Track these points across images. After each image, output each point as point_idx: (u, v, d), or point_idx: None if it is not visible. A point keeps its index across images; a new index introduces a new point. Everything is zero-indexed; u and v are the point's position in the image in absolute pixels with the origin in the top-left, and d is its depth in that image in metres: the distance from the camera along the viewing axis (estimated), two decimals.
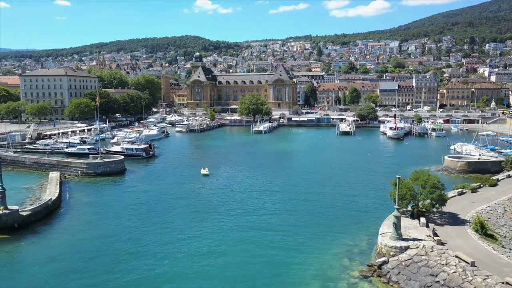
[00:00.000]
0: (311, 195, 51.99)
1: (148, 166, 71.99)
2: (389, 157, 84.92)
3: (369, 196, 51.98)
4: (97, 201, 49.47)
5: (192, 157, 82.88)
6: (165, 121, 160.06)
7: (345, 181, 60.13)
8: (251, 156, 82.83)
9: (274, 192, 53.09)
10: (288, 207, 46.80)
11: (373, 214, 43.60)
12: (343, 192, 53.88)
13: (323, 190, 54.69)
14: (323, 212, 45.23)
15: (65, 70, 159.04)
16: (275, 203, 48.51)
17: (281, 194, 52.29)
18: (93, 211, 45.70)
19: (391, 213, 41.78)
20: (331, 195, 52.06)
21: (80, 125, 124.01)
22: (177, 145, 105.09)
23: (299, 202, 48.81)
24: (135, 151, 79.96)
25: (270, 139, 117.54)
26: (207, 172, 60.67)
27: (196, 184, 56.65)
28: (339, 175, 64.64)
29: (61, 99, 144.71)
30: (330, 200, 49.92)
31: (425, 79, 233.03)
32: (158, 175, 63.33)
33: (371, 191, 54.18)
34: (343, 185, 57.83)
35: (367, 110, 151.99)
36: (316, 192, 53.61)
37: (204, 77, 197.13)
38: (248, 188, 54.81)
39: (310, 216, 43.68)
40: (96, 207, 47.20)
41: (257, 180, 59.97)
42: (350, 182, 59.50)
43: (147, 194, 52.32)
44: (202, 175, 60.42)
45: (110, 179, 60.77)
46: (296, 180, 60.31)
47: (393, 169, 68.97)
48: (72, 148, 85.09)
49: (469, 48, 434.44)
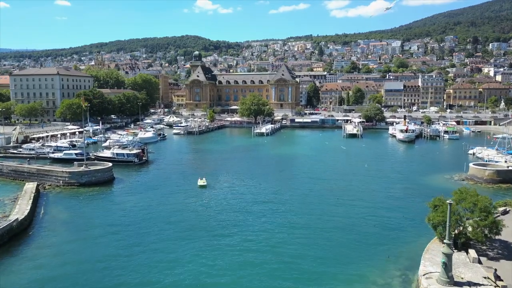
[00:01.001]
0: (324, 211, 45.02)
1: (139, 174, 65.01)
2: (404, 163, 77.88)
3: (391, 210, 44.98)
4: (75, 220, 42.48)
5: (189, 163, 75.86)
6: (163, 123, 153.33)
7: (360, 192, 53.15)
8: (253, 162, 75.84)
9: (280, 208, 46.06)
10: (297, 228, 39.84)
11: (401, 236, 36.67)
12: (360, 205, 46.90)
13: (336, 204, 47.71)
14: (339, 233, 38.26)
15: (57, 69, 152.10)
16: (282, 222, 41.51)
17: (288, 210, 45.25)
18: (68, 232, 38.74)
19: (425, 236, 35.03)
20: (346, 210, 45.10)
21: (72, 127, 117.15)
22: (173, 149, 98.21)
23: (310, 220, 41.83)
24: (126, 156, 73.00)
25: (273, 142, 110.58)
26: (204, 183, 53.63)
27: (192, 197, 49.58)
28: (352, 185, 57.68)
29: (53, 100, 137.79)
30: (346, 216, 42.96)
31: (431, 79, 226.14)
32: (150, 186, 56.32)
33: (392, 205, 47.19)
34: (359, 196, 50.84)
35: (374, 111, 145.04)
36: (329, 206, 46.63)
37: (203, 76, 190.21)
38: (250, 203, 47.77)
39: (324, 240, 36.71)
40: (73, 227, 40.24)
41: (261, 192, 52.96)
42: (366, 193, 52.50)
43: (134, 210, 45.34)
44: (199, 186, 53.33)
45: (95, 191, 53.80)
46: (304, 191, 53.34)
47: (410, 178, 62.16)
48: (59, 153, 78.15)
49: (472, 48, 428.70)
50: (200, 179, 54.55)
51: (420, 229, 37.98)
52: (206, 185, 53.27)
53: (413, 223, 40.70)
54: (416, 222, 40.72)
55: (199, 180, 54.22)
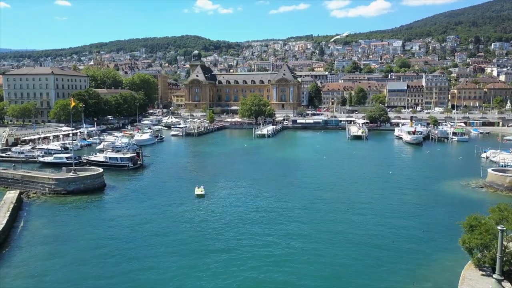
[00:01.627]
0: (333, 222, 40.76)
1: (132, 181, 60.62)
2: (414, 168, 73.46)
3: (407, 222, 40.65)
4: (57, 234, 38.15)
5: (187, 167, 71.47)
6: (161, 124, 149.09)
7: (370, 200, 48.83)
8: (254, 167, 71.46)
9: (285, 219, 41.73)
10: (304, 243, 35.62)
11: (424, 256, 32.33)
12: (372, 216, 42.62)
13: (347, 214, 43.43)
14: (353, 249, 34.02)
15: (52, 68, 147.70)
16: (287, 236, 37.24)
17: (293, 222, 40.95)
18: (47, 249, 34.41)
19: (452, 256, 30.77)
20: (358, 222, 40.83)
21: (66, 128, 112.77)
22: (171, 151, 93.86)
23: (319, 234, 37.57)
24: (119, 161, 68.64)
25: (275, 145, 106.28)
26: (202, 192, 49.15)
27: (188, 208, 45.16)
28: (361, 192, 53.36)
29: (47, 100, 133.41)
30: (358, 229, 38.71)
31: (435, 79, 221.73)
32: (143, 194, 51.94)
33: (407, 216, 42.87)
34: (370, 205, 46.53)
35: (378, 112, 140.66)
36: (338, 217, 42.35)
37: (203, 76, 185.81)
38: (252, 214, 43.46)
39: (335, 257, 32.51)
40: (54, 243, 35.92)
41: (263, 201, 48.58)
42: (378, 202, 48.17)
43: (124, 222, 41.03)
44: (196, 196, 48.87)
45: (83, 199, 49.48)
46: (310, 200, 49.00)
47: (423, 184, 57.81)
48: (48, 157, 73.84)
49: (474, 48, 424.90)
50: (198, 187, 50.14)
51: (444, 246, 33.80)
52: (204, 194, 48.76)
53: (435, 238, 36.47)
54: (438, 237, 36.55)
55: (196, 189, 49.79)
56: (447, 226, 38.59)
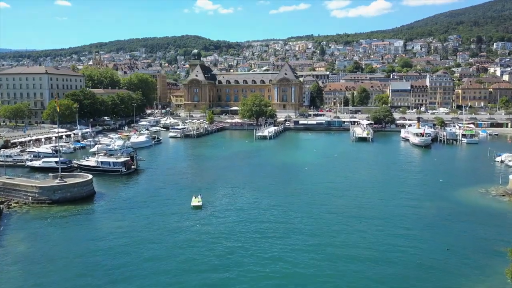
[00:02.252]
0: (346, 237, 36.53)
1: (125, 188, 56.23)
2: (425, 173, 69.04)
3: (428, 238, 36.43)
4: (35, 252, 33.84)
5: (184, 173, 67.04)
6: (159, 125, 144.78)
7: (384, 211, 44.54)
8: (256, 172, 67.08)
9: (291, 234, 37.42)
10: (315, 261, 31.40)
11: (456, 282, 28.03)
12: (389, 230, 38.40)
13: (360, 227, 39.18)
14: (371, 270, 29.91)
15: (46, 68, 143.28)
16: (294, 253, 32.98)
17: (300, 236, 36.66)
18: (20, 272, 30.10)
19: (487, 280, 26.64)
20: (374, 237, 36.63)
21: (60, 130, 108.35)
22: (168, 155, 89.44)
23: (331, 252, 33.33)
24: (112, 165, 64.31)
25: (277, 147, 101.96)
26: (199, 202, 44.64)
27: (183, 222, 40.63)
28: (373, 201, 49.04)
29: (41, 100, 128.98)
30: (374, 245, 34.61)
31: (439, 79, 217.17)
32: (135, 204, 47.58)
33: (427, 230, 38.62)
34: (385, 217, 42.24)
35: (383, 113, 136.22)
36: (351, 231, 38.11)
37: (202, 76, 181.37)
38: (253, 227, 39.13)
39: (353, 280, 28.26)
40: (30, 263, 31.61)
41: (267, 213, 44.14)
42: (392, 213, 43.88)
43: (111, 237, 36.73)
44: (192, 207, 44.41)
45: (69, 210, 45.14)
46: (319, 210, 44.71)
47: (439, 192, 53.47)
48: (37, 161, 69.54)
49: (476, 48, 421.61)
50: (195, 197, 45.63)
51: (477, 272, 29.46)
52: (201, 205, 44.25)
53: (463, 259, 32.11)
54: (468, 259, 32.15)
55: (193, 199, 45.27)
56: (474, 245, 34.44)
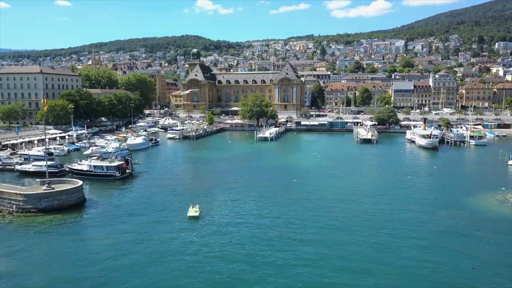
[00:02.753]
0: (358, 252, 33.04)
1: (118, 194, 52.72)
2: (436, 177, 65.57)
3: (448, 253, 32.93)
4: (12, 272, 30.32)
5: (181, 177, 63.47)
6: (157, 126, 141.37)
7: (397, 221, 41.06)
8: (257, 177, 63.54)
9: (299, 250, 33.94)
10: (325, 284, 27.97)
11: None
12: (403, 244, 34.95)
13: (372, 240, 35.70)
14: None
15: (41, 67, 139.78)
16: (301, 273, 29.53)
17: (310, 255, 33.14)
18: None
19: None
20: (388, 252, 33.21)
21: (54, 131, 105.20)
22: (166, 157, 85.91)
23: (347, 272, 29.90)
24: (105, 170, 60.83)
25: (279, 149, 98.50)
26: (196, 212, 41.10)
27: (179, 234, 37.05)
28: (383, 209, 45.49)
29: (35, 101, 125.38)
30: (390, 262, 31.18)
31: (443, 79, 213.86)
32: (127, 212, 44.09)
33: (446, 244, 35.14)
34: (398, 229, 38.79)
35: (387, 113, 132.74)
36: (363, 244, 34.64)
37: (202, 76, 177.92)
38: (256, 241, 35.65)
39: None
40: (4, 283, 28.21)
41: (270, 224, 40.53)
42: (405, 224, 40.38)
43: (100, 254, 33.23)
44: (189, 218, 40.91)
45: (55, 220, 41.67)
46: (327, 221, 41.19)
47: (452, 199, 50.03)
48: (27, 165, 66.11)
49: (478, 47, 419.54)
50: (192, 206, 41.99)
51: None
52: (198, 216, 40.75)
53: (491, 277, 28.68)
54: (496, 276, 28.71)
55: (190, 209, 41.66)
56: (502, 263, 30.93)
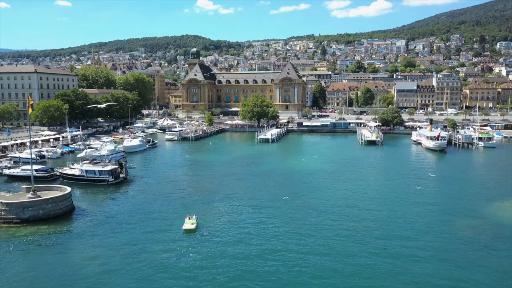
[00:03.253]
0: (376, 273, 29.52)
1: (109, 202, 49.14)
2: (449, 183, 61.97)
3: (476, 272, 29.44)
4: None
5: (178, 183, 59.77)
6: (156, 126, 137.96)
7: (413, 234, 37.60)
8: (259, 183, 59.95)
9: (308, 271, 30.44)
10: None
11: None
12: (423, 259, 31.45)
13: (393, 256, 32.20)
14: None
15: (35, 66, 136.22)
16: None
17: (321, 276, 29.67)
18: None
19: None
20: (407, 271, 29.63)
21: (48, 133, 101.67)
22: (163, 160, 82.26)
23: None
24: (97, 174, 57.32)
25: (281, 151, 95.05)
26: (193, 225, 37.35)
27: (172, 252, 33.41)
28: (399, 221, 41.92)
29: None
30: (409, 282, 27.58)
31: (447, 78, 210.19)
32: (118, 224, 40.53)
33: (471, 261, 31.65)
34: (414, 241, 35.32)
35: (392, 114, 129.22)
36: (381, 263, 31.11)
37: (201, 75, 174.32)
38: (262, 264, 32.06)
39: None
40: None
41: (274, 237, 36.97)
42: (424, 238, 36.91)
43: (85, 272, 29.73)
44: (184, 231, 37.24)
45: (40, 232, 38.19)
46: (336, 234, 37.71)
47: (470, 207, 46.45)
48: (15, 169, 62.63)
49: (479, 47, 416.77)
50: (189, 217, 38.36)
51: None
52: (194, 229, 37.08)
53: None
54: None
55: (186, 220, 37.96)
56: None
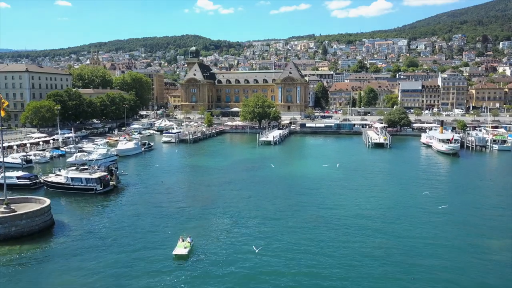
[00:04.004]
0: None
1: (94, 216, 43.77)
2: (470, 191, 56.62)
3: None
4: None
5: (173, 192, 54.34)
6: (153, 128, 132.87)
7: (444, 259, 32.45)
8: (262, 191, 54.62)
9: None
10: None
11: None
12: None
13: None
14: None
15: (27, 65, 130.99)
16: None
17: None
18: None
19: None
20: None
21: (39, 135, 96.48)
22: (158, 165, 76.76)
23: None
24: (84, 183, 52.05)
25: (284, 155, 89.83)
26: (186, 249, 31.66)
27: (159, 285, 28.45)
28: (423, 239, 36.81)
29: (21, 101, 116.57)
30: None
31: (452, 78, 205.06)
32: (100, 244, 35.12)
33: None
34: (451, 271, 30.15)
35: (399, 115, 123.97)
36: None
37: (200, 75, 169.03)
38: None
39: None
40: None
41: (282, 261, 31.84)
42: (455, 263, 31.78)
43: None
44: (175, 257, 31.50)
45: (11, 253, 33.00)
46: (355, 253, 32.57)
47: (500, 223, 41.31)
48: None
49: (482, 47, 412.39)
50: (182, 239, 32.77)
51: None
52: (187, 254, 31.40)
53: None
54: None
55: (178, 243, 32.22)
56: None
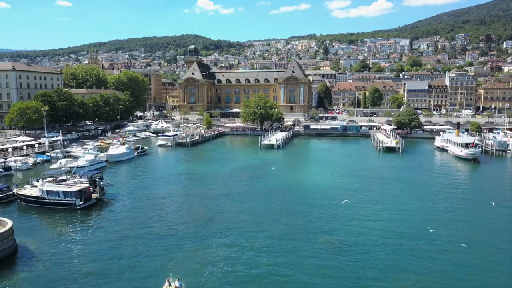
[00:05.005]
0: None
1: (70, 239, 36.71)
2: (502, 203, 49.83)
3: None
4: None
5: (164, 207, 47.15)
6: (149, 130, 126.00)
7: None
8: (265, 206, 47.66)
9: None
10: None
11: None
12: None
13: None
14: None
15: (14, 64, 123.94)
16: None
17: None
18: None
19: None
20: None
21: (24, 138, 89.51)
22: (151, 173, 69.69)
23: None
24: (62, 197, 45.18)
25: (288, 160, 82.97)
26: None
27: None
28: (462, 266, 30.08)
29: (7, 102, 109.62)
30: None
31: (461, 78, 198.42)
32: (71, 278, 28.43)
33: None
34: None
35: (409, 116, 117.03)
36: None
37: (199, 74, 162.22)
38: None
39: None
40: None
41: None
42: None
43: None
44: None
45: None
46: None
47: None
48: None
49: (486, 46, 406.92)
50: (168, 283, 25.57)
51: None
52: None
53: None
54: None
55: (164, 286, 25.49)
56: None
